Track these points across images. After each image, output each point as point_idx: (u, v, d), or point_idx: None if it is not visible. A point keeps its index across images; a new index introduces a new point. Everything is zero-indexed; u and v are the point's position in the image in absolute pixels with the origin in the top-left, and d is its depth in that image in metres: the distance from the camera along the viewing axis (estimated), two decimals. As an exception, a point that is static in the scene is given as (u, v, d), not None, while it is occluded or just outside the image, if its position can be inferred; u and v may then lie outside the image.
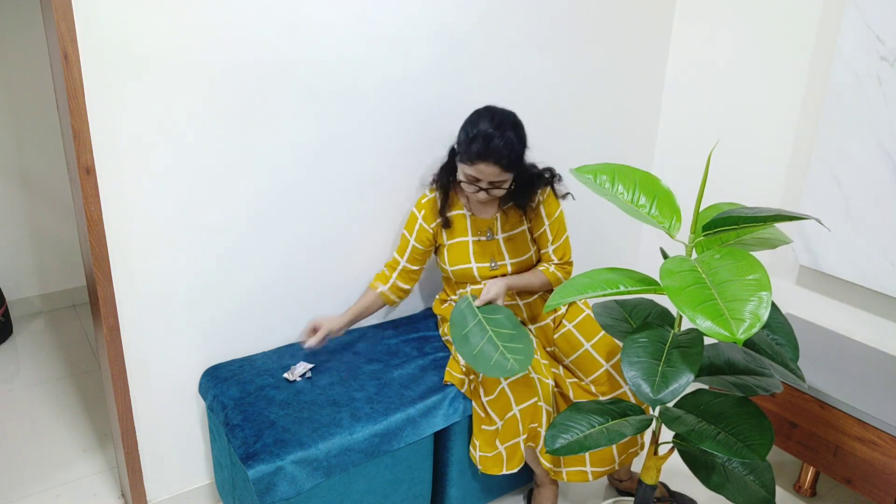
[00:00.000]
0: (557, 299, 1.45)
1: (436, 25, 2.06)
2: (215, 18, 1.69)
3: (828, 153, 2.16)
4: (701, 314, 1.22)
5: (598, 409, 1.62)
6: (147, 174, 1.71)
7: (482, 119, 1.79)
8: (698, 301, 1.25)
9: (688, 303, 1.25)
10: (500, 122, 1.78)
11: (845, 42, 2.06)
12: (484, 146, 1.75)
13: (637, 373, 1.39)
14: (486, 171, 1.78)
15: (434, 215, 1.96)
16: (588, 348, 1.92)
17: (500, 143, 1.75)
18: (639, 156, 2.78)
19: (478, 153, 1.75)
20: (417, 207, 1.99)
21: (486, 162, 1.76)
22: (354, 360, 2.00)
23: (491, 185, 1.82)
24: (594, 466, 1.90)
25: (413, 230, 1.98)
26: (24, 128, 3.06)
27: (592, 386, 1.92)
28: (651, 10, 2.55)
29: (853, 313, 2.25)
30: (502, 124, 1.77)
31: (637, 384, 1.36)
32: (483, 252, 1.96)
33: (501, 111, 1.83)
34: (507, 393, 1.78)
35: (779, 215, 1.37)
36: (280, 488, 1.61)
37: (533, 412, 1.78)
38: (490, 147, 1.74)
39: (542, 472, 1.99)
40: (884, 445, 1.80)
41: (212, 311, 1.92)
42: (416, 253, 1.99)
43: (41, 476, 2.19)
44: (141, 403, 1.88)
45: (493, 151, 1.75)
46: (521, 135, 1.83)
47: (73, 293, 3.40)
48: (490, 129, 1.75)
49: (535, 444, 1.83)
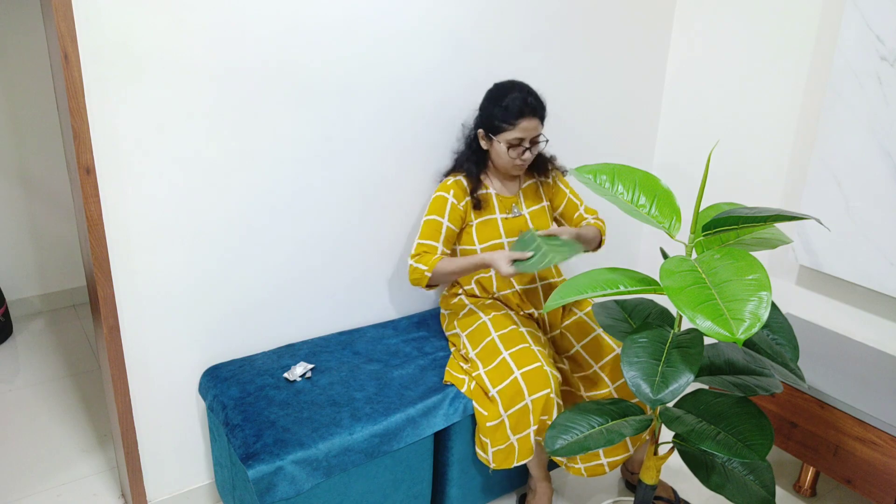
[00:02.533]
0: (557, 300, 1.45)
1: (437, 26, 2.06)
2: (216, 18, 1.69)
3: (828, 153, 2.16)
4: (701, 314, 1.22)
5: (598, 409, 1.62)
6: (147, 174, 1.71)
7: (506, 87, 1.93)
8: (698, 301, 1.25)
9: (687, 303, 1.25)
10: (521, 85, 1.94)
11: (845, 42, 2.06)
12: (523, 103, 1.89)
13: (637, 373, 1.39)
14: (528, 127, 1.90)
15: (464, 194, 2.00)
16: (600, 333, 1.96)
17: (534, 98, 1.91)
18: (639, 156, 2.78)
19: (520, 111, 1.88)
20: (444, 189, 2.01)
21: (527, 118, 1.89)
22: (354, 360, 2.00)
23: (532, 143, 1.94)
24: (609, 457, 1.91)
25: (445, 212, 1.98)
26: (24, 128, 3.06)
27: (602, 372, 1.93)
28: (651, 10, 2.55)
29: (853, 313, 2.25)
30: (523, 86, 1.94)
31: (637, 384, 1.36)
32: (511, 228, 2.03)
33: (512, 80, 1.98)
34: (521, 383, 1.79)
35: (779, 215, 1.37)
36: (280, 488, 1.61)
37: (545, 404, 1.79)
38: (528, 103, 1.89)
39: (540, 474, 2.00)
40: (884, 445, 1.80)
41: (212, 311, 1.92)
42: (451, 235, 2.00)
43: (41, 476, 2.19)
44: (141, 403, 1.88)
45: (531, 106, 1.89)
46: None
47: (73, 293, 3.40)
48: (519, 91, 1.91)
49: (543, 437, 1.83)
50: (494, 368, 1.84)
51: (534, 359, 1.82)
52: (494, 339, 1.90)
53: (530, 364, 1.80)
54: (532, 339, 1.89)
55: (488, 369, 1.85)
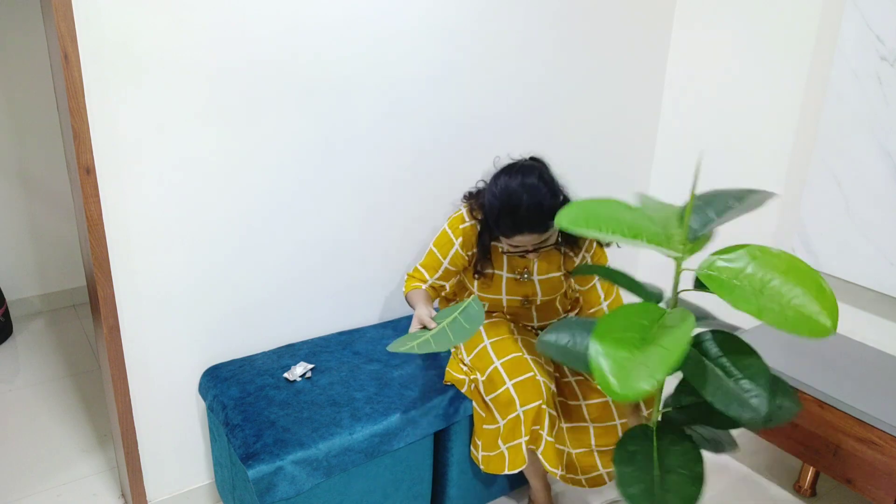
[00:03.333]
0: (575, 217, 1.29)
1: (438, 26, 2.06)
2: (216, 18, 1.69)
3: (828, 153, 2.16)
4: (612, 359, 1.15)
5: None
6: (147, 174, 1.71)
7: (507, 190, 1.64)
8: (622, 344, 1.18)
9: (611, 343, 1.17)
10: (524, 184, 1.63)
11: (845, 42, 2.06)
12: (515, 220, 1.63)
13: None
14: (526, 240, 1.68)
15: (472, 245, 1.85)
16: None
17: (531, 212, 1.62)
18: (639, 156, 2.78)
19: (511, 227, 1.65)
20: (453, 231, 1.85)
21: (522, 234, 1.66)
22: (354, 360, 2.00)
23: (536, 247, 1.71)
24: (607, 468, 1.89)
25: (447, 254, 1.87)
26: (24, 128, 3.06)
27: None
28: (651, 11, 2.55)
29: (853, 313, 2.25)
30: (526, 186, 1.63)
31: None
32: (517, 288, 1.90)
33: (522, 168, 1.68)
34: (512, 394, 1.78)
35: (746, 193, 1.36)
36: (280, 488, 1.61)
37: (536, 414, 1.78)
38: (520, 218, 1.62)
39: (539, 485, 1.99)
40: (884, 445, 1.80)
41: (212, 311, 1.92)
42: (448, 274, 1.91)
43: (41, 476, 2.19)
44: (141, 403, 1.88)
45: (525, 222, 1.63)
46: (551, 186, 1.67)
47: (73, 293, 3.40)
48: (516, 201, 1.62)
49: (537, 446, 1.82)
50: (487, 378, 1.83)
51: (526, 368, 1.79)
52: (487, 347, 1.88)
53: (523, 374, 1.78)
54: (526, 348, 1.86)
55: (483, 378, 1.85)
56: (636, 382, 1.10)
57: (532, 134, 2.41)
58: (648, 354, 1.16)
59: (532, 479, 1.98)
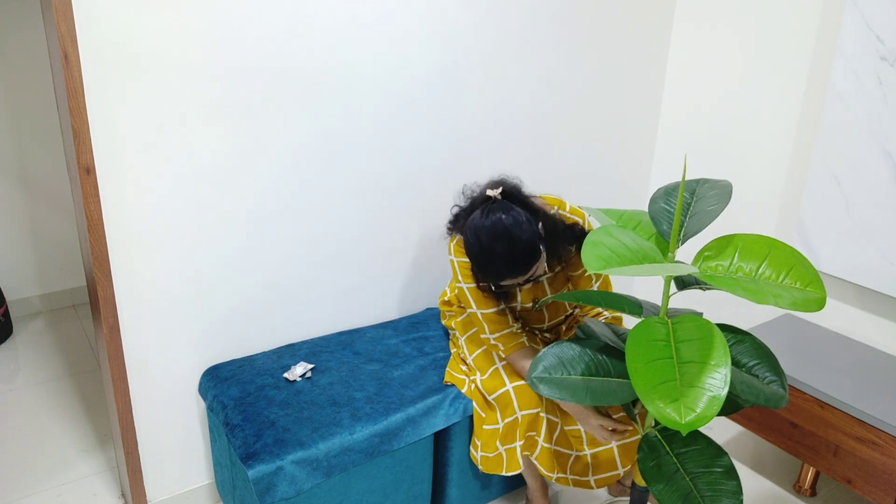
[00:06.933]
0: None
1: (438, 27, 2.06)
2: (216, 18, 1.69)
3: (828, 153, 2.16)
4: (658, 395, 1.18)
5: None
6: (147, 174, 1.71)
7: (479, 241, 1.59)
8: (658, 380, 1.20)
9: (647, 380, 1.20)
10: (494, 231, 1.57)
11: (845, 42, 2.06)
12: (494, 271, 1.61)
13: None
14: (513, 281, 1.65)
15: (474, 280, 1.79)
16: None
17: (506, 261, 1.58)
18: (639, 156, 2.78)
19: (495, 277, 1.64)
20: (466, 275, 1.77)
21: (505, 279, 1.64)
22: (354, 360, 2.00)
23: (527, 280, 1.67)
24: (596, 475, 1.89)
25: (480, 298, 1.79)
26: (24, 128, 3.06)
27: None
28: (651, 11, 2.55)
29: (853, 313, 2.25)
30: (497, 232, 1.57)
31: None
32: (527, 296, 1.86)
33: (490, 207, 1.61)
34: (511, 395, 1.78)
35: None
36: (280, 488, 1.61)
37: (533, 421, 1.79)
38: (498, 269, 1.60)
39: (536, 486, 1.99)
40: (884, 445, 1.80)
41: (212, 311, 1.92)
42: (500, 298, 1.80)
43: (41, 476, 2.19)
44: (141, 403, 1.88)
45: (505, 270, 1.60)
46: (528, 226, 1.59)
47: (73, 293, 3.40)
48: (488, 254, 1.59)
49: (531, 452, 1.83)
50: (489, 378, 1.84)
51: None
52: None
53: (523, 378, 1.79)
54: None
55: (484, 378, 1.85)
56: (699, 410, 1.15)
57: (532, 135, 2.41)
58: (699, 380, 1.20)
59: (529, 479, 1.99)
